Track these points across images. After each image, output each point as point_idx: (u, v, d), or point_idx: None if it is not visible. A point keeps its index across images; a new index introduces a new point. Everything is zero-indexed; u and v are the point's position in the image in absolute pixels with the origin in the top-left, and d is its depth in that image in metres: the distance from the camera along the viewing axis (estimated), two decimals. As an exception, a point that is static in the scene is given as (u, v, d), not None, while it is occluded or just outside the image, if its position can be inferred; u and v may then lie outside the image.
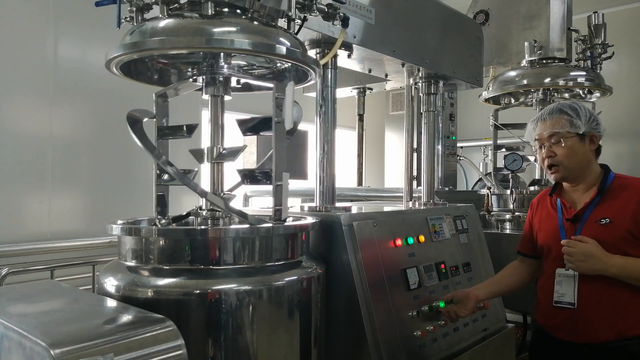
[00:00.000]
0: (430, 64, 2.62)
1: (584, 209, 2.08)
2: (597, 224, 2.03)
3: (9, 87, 3.74)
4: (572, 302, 2.02)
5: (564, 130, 2.07)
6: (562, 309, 2.06)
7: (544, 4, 3.92)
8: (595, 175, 2.14)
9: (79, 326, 1.29)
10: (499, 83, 3.93)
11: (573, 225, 2.09)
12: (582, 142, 2.09)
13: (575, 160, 2.09)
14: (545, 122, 2.13)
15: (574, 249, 1.99)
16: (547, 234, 2.18)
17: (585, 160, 2.11)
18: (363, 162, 3.91)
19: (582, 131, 2.07)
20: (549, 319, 2.14)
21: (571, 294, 2.03)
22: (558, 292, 2.07)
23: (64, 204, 4.06)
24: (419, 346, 2.03)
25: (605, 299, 2.00)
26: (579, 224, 2.07)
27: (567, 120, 2.08)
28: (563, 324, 2.07)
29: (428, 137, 2.84)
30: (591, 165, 2.13)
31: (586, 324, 2.02)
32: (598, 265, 1.96)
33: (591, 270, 1.98)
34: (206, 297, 1.52)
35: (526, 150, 3.95)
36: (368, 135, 4.20)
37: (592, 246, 1.97)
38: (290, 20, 1.73)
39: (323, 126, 2.17)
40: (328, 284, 1.90)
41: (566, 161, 2.09)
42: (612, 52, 3.97)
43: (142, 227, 1.61)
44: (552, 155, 2.11)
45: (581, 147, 2.09)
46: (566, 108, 2.11)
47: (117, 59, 1.63)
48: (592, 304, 2.01)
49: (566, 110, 2.09)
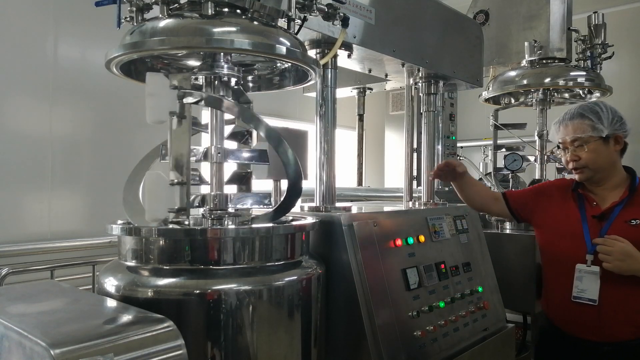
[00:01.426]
0: (430, 64, 2.62)
1: (611, 208, 2.04)
2: (627, 224, 2.00)
3: (9, 87, 3.74)
4: (594, 299, 1.99)
5: (586, 135, 2.03)
6: (579, 305, 2.02)
7: (544, 4, 3.93)
8: (621, 175, 2.11)
9: (79, 326, 1.29)
10: (499, 83, 3.93)
11: (598, 223, 2.06)
12: (606, 144, 2.05)
13: (600, 162, 2.06)
14: (567, 127, 2.09)
15: (613, 248, 1.95)
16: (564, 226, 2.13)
17: (610, 161, 2.08)
18: (363, 162, 3.91)
19: (605, 134, 2.02)
20: (562, 314, 2.10)
21: (593, 291, 2.00)
22: (578, 288, 2.03)
23: (64, 204, 4.06)
24: (419, 346, 2.03)
25: (627, 296, 1.97)
26: (605, 223, 2.03)
27: (588, 125, 2.03)
28: (579, 321, 2.04)
29: (428, 137, 2.84)
30: (616, 165, 2.10)
31: (606, 322, 1.99)
32: (635, 265, 1.93)
33: (628, 271, 1.94)
34: (206, 297, 1.52)
35: (526, 150, 3.95)
36: (368, 135, 4.21)
37: (630, 246, 1.94)
38: (290, 20, 1.73)
39: (323, 126, 2.17)
40: (328, 284, 1.90)
41: (591, 164, 2.06)
42: (612, 52, 3.97)
43: (142, 227, 1.61)
44: (576, 159, 2.08)
45: (605, 149, 2.05)
46: (587, 112, 2.06)
47: (117, 59, 1.63)
48: (614, 302, 1.98)
49: (587, 115, 2.05)
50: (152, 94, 1.51)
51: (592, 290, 2.01)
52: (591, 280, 2.02)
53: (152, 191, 1.52)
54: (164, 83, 1.53)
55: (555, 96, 4.10)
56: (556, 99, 4.15)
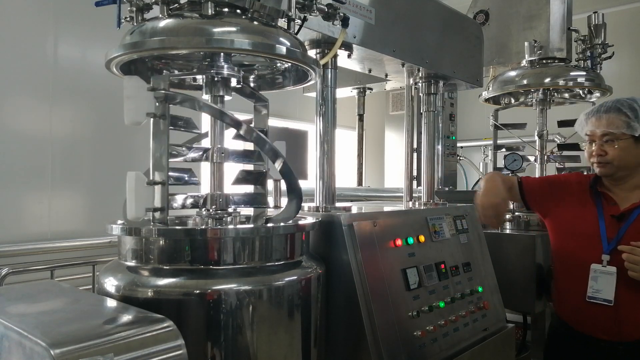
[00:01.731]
0: (430, 64, 2.62)
1: (632, 209, 2.01)
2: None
3: (9, 87, 3.75)
4: (610, 300, 1.97)
5: (619, 131, 1.98)
6: (594, 305, 1.99)
7: (544, 4, 3.92)
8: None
9: (79, 326, 1.29)
10: (499, 83, 3.93)
11: (617, 223, 2.03)
12: (637, 144, 2.01)
13: (627, 161, 2.02)
14: (600, 120, 2.02)
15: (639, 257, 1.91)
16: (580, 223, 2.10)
17: (637, 161, 2.03)
18: (363, 162, 3.90)
19: (638, 133, 1.98)
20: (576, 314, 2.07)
21: (608, 291, 1.97)
22: (593, 288, 2.00)
23: (64, 204, 4.06)
24: (419, 346, 2.03)
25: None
26: (624, 223, 2.00)
27: (624, 121, 1.98)
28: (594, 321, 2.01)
29: (428, 137, 2.84)
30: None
31: (622, 322, 1.96)
32: None
33: None
34: (206, 297, 1.52)
35: (526, 150, 3.95)
36: (368, 135, 4.20)
37: None
38: (290, 20, 1.73)
39: (323, 126, 2.17)
40: (328, 284, 1.90)
41: (617, 162, 2.02)
42: (612, 52, 3.97)
43: (142, 227, 1.61)
44: (602, 153, 2.03)
45: (635, 148, 2.01)
46: (625, 107, 2.00)
47: (117, 59, 1.63)
48: (631, 302, 1.95)
49: (624, 110, 1.99)
50: (129, 96, 1.55)
51: (608, 290, 1.98)
52: (607, 281, 1.98)
53: (133, 190, 1.54)
54: (141, 86, 1.55)
55: (555, 96, 4.10)
56: (556, 99, 4.14)
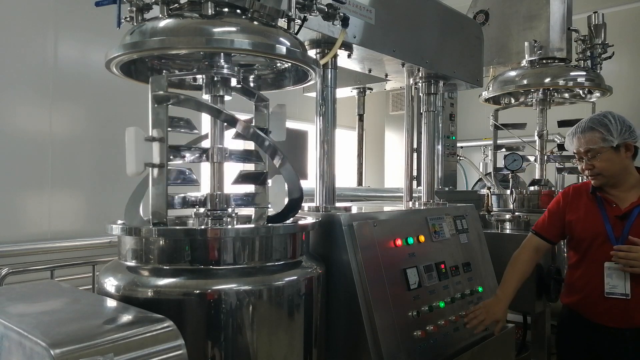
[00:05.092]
0: (430, 64, 2.62)
1: (631, 208, 2.22)
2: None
3: (9, 87, 3.74)
4: (626, 294, 2.17)
5: (598, 146, 2.21)
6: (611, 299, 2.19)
7: (544, 4, 3.93)
8: (635, 177, 2.28)
9: (79, 326, 1.29)
10: (499, 83, 3.93)
11: (621, 222, 2.22)
12: (618, 153, 2.22)
13: (613, 170, 2.23)
14: (579, 139, 2.26)
15: (637, 254, 2.11)
16: (590, 228, 2.28)
17: (623, 167, 2.25)
18: (363, 162, 3.91)
19: (615, 144, 2.19)
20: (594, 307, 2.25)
21: (623, 286, 2.18)
22: (609, 285, 2.20)
23: (64, 204, 4.05)
24: (419, 346, 2.03)
25: None
26: (627, 222, 2.21)
27: (599, 137, 2.20)
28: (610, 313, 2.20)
29: (428, 137, 2.84)
30: (629, 169, 2.28)
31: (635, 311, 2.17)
32: None
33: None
34: (206, 297, 1.52)
35: (526, 150, 3.95)
36: (368, 135, 4.20)
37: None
38: (290, 20, 1.73)
39: (323, 126, 2.17)
40: (328, 284, 1.90)
41: (605, 172, 2.24)
42: (612, 52, 3.97)
43: (142, 227, 1.61)
44: (590, 168, 2.25)
45: (617, 157, 2.22)
46: (597, 125, 2.22)
47: (117, 59, 1.63)
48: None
49: (597, 128, 2.21)
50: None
51: (623, 285, 2.18)
52: (620, 277, 2.18)
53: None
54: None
55: (555, 96, 4.10)
56: (556, 99, 4.15)
